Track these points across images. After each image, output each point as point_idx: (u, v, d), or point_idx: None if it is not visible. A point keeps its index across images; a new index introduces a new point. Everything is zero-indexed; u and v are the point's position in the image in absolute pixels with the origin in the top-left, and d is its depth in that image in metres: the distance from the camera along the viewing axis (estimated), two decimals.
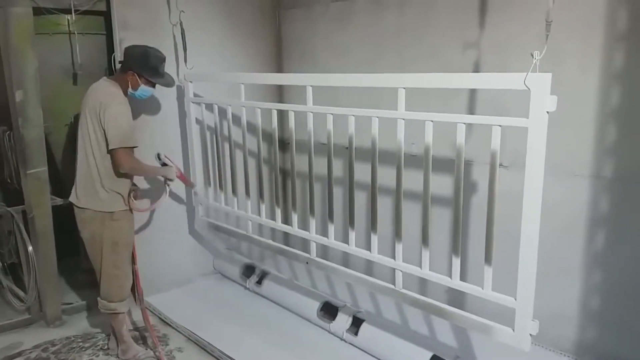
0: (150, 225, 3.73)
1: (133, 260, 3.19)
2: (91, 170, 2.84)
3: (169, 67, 3.58)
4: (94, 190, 2.85)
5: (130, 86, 2.92)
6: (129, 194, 2.95)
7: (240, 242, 4.21)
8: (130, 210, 2.98)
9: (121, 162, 2.79)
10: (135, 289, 3.24)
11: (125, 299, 3.05)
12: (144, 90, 2.97)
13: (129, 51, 2.97)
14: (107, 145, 2.77)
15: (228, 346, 3.05)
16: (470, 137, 2.30)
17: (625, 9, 2.37)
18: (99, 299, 3.03)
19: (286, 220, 3.23)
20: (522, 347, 2.05)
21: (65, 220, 4.52)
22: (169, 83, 3.08)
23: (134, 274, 3.21)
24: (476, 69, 2.90)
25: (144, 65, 2.90)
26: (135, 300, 3.32)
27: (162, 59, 3.02)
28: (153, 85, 3.00)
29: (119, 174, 2.87)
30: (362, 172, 2.71)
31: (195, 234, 3.99)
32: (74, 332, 3.48)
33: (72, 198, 2.96)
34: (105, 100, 2.78)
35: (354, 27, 3.62)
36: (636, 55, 2.36)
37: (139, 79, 2.91)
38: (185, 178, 3.45)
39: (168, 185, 3.21)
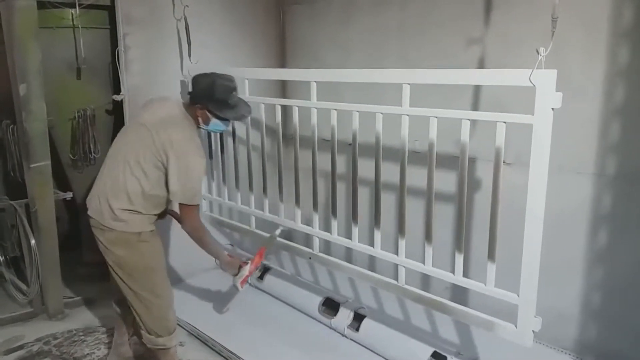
0: None
1: None
2: (129, 192, 2.44)
3: (174, 62, 3.60)
4: (121, 211, 2.45)
5: (201, 121, 2.57)
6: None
7: (243, 237, 4.22)
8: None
9: (185, 219, 2.54)
10: None
11: (173, 330, 2.67)
12: (216, 124, 2.58)
13: (195, 81, 2.58)
14: (167, 190, 2.46)
15: (229, 341, 3.06)
16: (474, 133, 2.30)
17: (630, 6, 2.36)
18: (143, 332, 2.64)
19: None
20: (524, 343, 2.06)
21: (67, 213, 4.56)
22: (241, 116, 2.65)
23: None
24: (480, 66, 2.90)
25: (210, 99, 2.50)
26: None
27: (231, 89, 2.55)
28: (226, 119, 2.60)
29: (158, 208, 2.56)
30: (365, 168, 2.71)
31: None
32: (76, 325, 3.49)
33: (95, 213, 2.51)
34: (181, 144, 2.42)
35: (357, 23, 3.61)
36: None
37: (208, 114, 2.53)
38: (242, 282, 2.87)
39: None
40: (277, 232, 3.12)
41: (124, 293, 2.58)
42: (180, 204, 2.49)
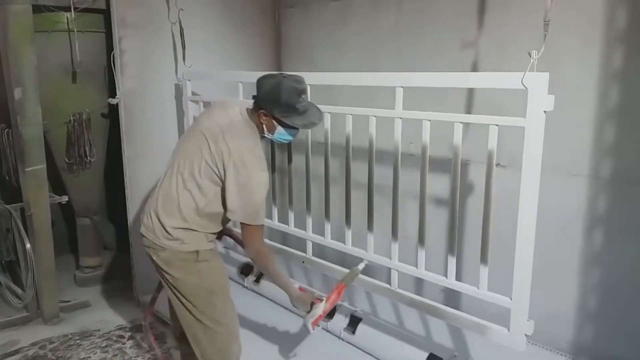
0: None
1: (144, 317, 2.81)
2: (182, 208, 2.19)
3: (169, 66, 3.60)
4: (174, 229, 2.20)
5: (265, 129, 2.22)
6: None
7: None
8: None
9: (248, 242, 2.22)
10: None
11: None
12: (281, 133, 2.22)
13: (260, 84, 2.21)
14: (224, 206, 2.18)
15: None
16: (467, 136, 2.29)
17: (623, 9, 2.36)
18: None
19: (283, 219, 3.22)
20: (517, 347, 2.04)
21: (63, 217, 4.56)
22: (311, 123, 2.24)
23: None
24: (474, 68, 2.89)
25: (276, 103, 2.13)
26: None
27: (300, 91, 2.16)
28: (294, 127, 2.21)
29: (217, 227, 2.30)
30: (359, 171, 2.70)
31: None
32: (72, 329, 3.48)
33: (147, 232, 2.28)
34: (241, 154, 2.11)
35: (352, 26, 3.62)
36: (634, 54, 2.36)
37: (274, 121, 2.18)
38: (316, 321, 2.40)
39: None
40: (361, 266, 2.60)
41: (182, 320, 2.31)
42: (241, 223, 2.18)
